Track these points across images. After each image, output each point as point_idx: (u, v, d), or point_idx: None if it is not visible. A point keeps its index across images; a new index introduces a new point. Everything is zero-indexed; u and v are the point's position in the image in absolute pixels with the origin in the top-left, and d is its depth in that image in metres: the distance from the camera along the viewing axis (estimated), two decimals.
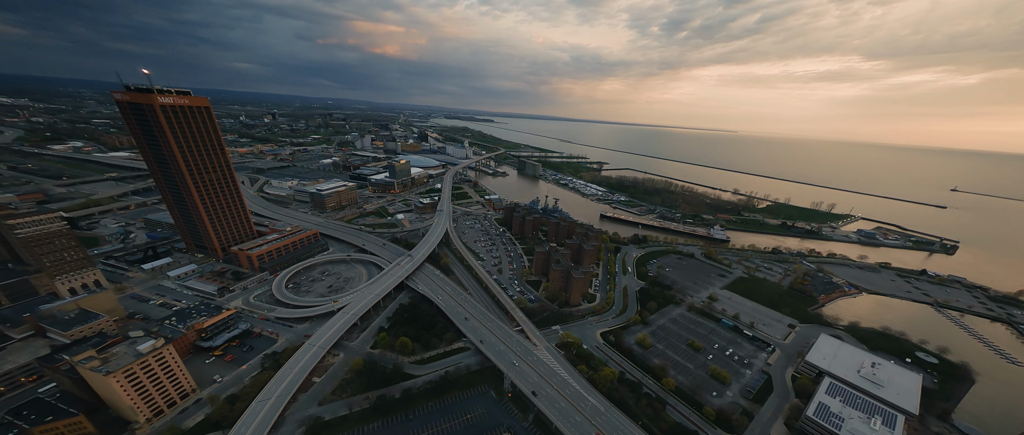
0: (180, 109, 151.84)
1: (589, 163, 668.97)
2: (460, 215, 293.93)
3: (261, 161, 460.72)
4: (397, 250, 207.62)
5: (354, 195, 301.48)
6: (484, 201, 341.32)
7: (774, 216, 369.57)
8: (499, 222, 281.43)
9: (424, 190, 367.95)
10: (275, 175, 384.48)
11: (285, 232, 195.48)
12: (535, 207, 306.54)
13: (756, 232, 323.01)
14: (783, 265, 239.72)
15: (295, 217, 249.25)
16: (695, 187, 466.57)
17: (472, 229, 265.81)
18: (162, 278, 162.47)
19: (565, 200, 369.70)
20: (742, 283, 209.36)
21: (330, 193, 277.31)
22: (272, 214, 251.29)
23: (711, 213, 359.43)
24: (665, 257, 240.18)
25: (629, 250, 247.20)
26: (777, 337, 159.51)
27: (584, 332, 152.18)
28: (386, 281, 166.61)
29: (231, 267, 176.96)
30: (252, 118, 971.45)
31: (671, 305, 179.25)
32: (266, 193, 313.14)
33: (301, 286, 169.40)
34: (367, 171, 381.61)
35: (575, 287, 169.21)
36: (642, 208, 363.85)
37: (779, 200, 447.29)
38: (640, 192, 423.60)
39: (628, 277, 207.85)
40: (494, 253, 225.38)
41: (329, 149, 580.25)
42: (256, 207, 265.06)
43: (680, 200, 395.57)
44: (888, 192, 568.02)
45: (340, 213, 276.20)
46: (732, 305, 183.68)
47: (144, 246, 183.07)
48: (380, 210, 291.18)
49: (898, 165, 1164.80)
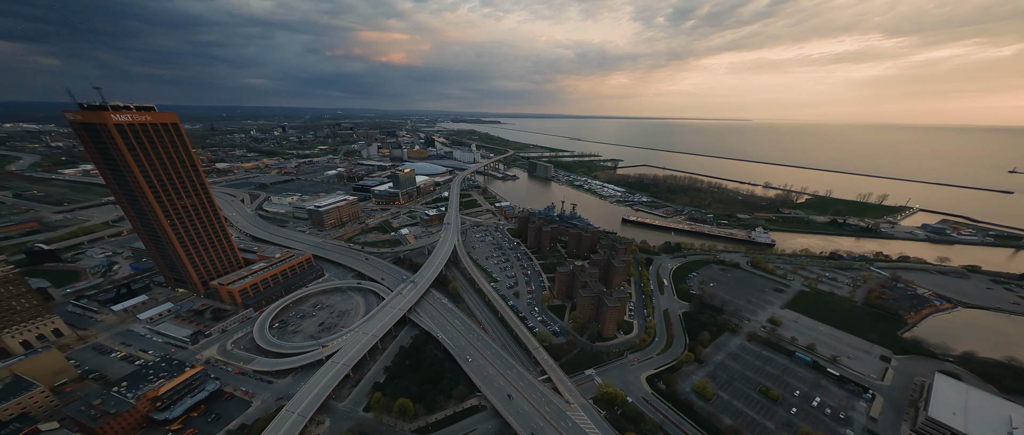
0: (140, 127, 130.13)
1: (602, 161, 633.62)
2: (469, 226, 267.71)
3: (265, 175, 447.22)
4: (399, 273, 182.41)
5: (355, 210, 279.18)
6: (495, 209, 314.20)
7: (819, 212, 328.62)
8: (512, 233, 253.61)
9: (430, 200, 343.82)
10: (277, 190, 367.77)
11: (274, 260, 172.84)
12: (551, 214, 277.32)
13: (803, 232, 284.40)
14: (848, 273, 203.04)
15: (291, 238, 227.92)
16: (724, 183, 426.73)
17: (483, 243, 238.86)
18: (132, 321, 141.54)
19: (582, 203, 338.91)
20: (805, 299, 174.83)
21: (329, 209, 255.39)
22: (267, 235, 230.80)
23: (747, 212, 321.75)
24: (706, 268, 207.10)
25: (662, 261, 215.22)
26: (872, 376, 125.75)
27: (626, 378, 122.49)
28: (385, 317, 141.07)
29: (212, 303, 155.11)
30: (263, 132, 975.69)
31: (726, 333, 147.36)
32: (264, 211, 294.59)
33: (289, 324, 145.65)
34: (371, 182, 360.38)
35: (609, 317, 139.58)
36: (668, 209, 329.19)
37: (818, 193, 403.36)
38: (663, 191, 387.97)
39: (667, 297, 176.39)
40: (508, 271, 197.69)
41: (335, 159, 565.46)
42: (252, 227, 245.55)
43: (709, 198, 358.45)
44: (939, 178, 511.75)
45: (340, 230, 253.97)
46: (801, 330, 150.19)
47: (117, 284, 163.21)
48: (383, 225, 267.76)
49: (936, 146, 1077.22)
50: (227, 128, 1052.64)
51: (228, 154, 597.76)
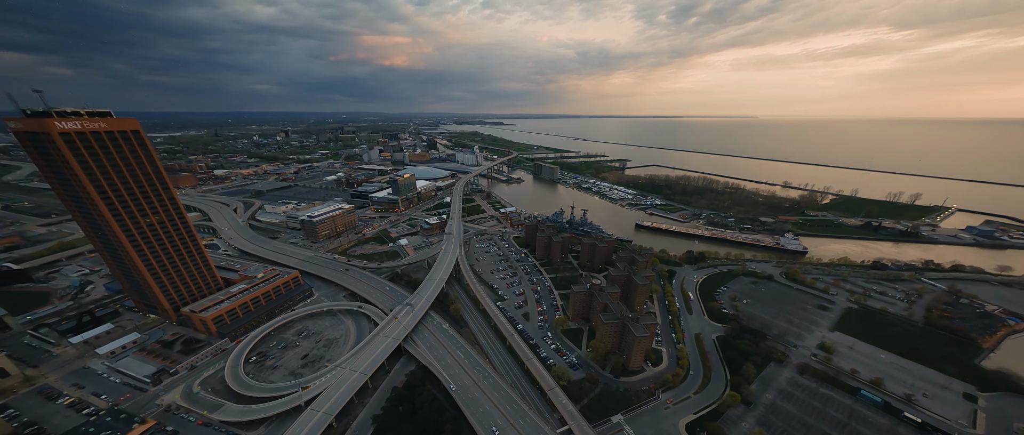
0: (93, 136, 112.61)
1: (609, 162, 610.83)
2: (472, 235, 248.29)
3: (263, 182, 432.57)
4: (396, 293, 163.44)
5: (352, 219, 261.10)
6: (499, 215, 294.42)
7: (848, 213, 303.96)
8: (519, 243, 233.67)
9: (431, 205, 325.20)
10: (273, 198, 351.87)
11: (255, 280, 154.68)
12: (560, 220, 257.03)
13: (834, 236, 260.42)
14: (897, 286, 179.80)
15: (281, 252, 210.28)
16: (741, 183, 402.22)
17: (487, 254, 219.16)
18: (91, 356, 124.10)
19: (591, 208, 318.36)
20: (856, 319, 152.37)
21: (323, 219, 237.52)
22: (256, 249, 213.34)
23: (770, 214, 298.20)
24: (735, 281, 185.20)
25: (685, 273, 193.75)
26: (961, 421, 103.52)
27: (661, 425, 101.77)
28: (376, 349, 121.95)
29: (185, 332, 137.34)
30: (265, 137, 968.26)
31: (772, 363, 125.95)
32: (257, 221, 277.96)
33: (268, 357, 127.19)
34: (369, 188, 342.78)
35: (636, 348, 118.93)
36: (684, 213, 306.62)
37: (843, 192, 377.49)
38: (677, 193, 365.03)
39: (697, 317, 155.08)
40: (516, 288, 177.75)
41: (335, 164, 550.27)
42: (241, 239, 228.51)
43: (727, 200, 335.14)
44: (969, 174, 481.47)
45: (335, 241, 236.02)
46: (860, 360, 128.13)
47: (81, 310, 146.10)
48: (381, 235, 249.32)
49: (954, 140, 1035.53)
50: (231, 133, 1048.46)
51: (228, 160, 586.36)
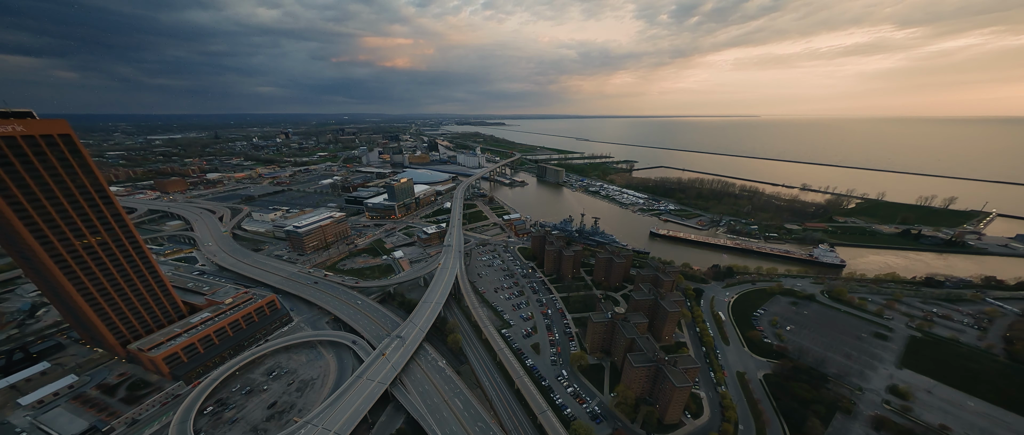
0: (5, 141, 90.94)
1: (616, 163, 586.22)
2: (474, 246, 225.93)
3: (256, 186, 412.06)
4: (386, 319, 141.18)
5: (343, 228, 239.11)
6: (503, 223, 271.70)
7: (881, 219, 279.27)
8: (525, 254, 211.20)
9: (430, 212, 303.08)
10: (264, 204, 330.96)
11: (223, 307, 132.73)
12: (568, 229, 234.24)
13: (870, 246, 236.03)
14: (960, 308, 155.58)
15: (262, 267, 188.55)
16: (759, 186, 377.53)
17: (491, 267, 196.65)
18: (13, 407, 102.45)
19: (600, 213, 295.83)
20: (925, 351, 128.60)
21: (310, 230, 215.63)
22: (235, 263, 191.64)
23: (795, 221, 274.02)
24: (772, 302, 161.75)
25: (713, 292, 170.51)
26: None
27: None
28: (358, 397, 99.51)
29: (135, 372, 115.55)
30: (265, 139, 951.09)
31: (838, 414, 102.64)
32: (243, 230, 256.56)
33: (228, 405, 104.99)
34: (365, 193, 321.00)
35: (674, 400, 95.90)
36: (702, 221, 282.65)
37: (869, 195, 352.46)
38: (692, 197, 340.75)
39: (735, 349, 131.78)
40: (523, 309, 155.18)
41: (333, 167, 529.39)
42: (221, 252, 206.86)
43: (746, 205, 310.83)
44: (996, 174, 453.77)
45: (324, 254, 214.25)
46: (946, 409, 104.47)
47: (13, 346, 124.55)
48: (375, 246, 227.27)
49: (969, 139, 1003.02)
50: (230, 136, 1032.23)
51: (224, 163, 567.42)
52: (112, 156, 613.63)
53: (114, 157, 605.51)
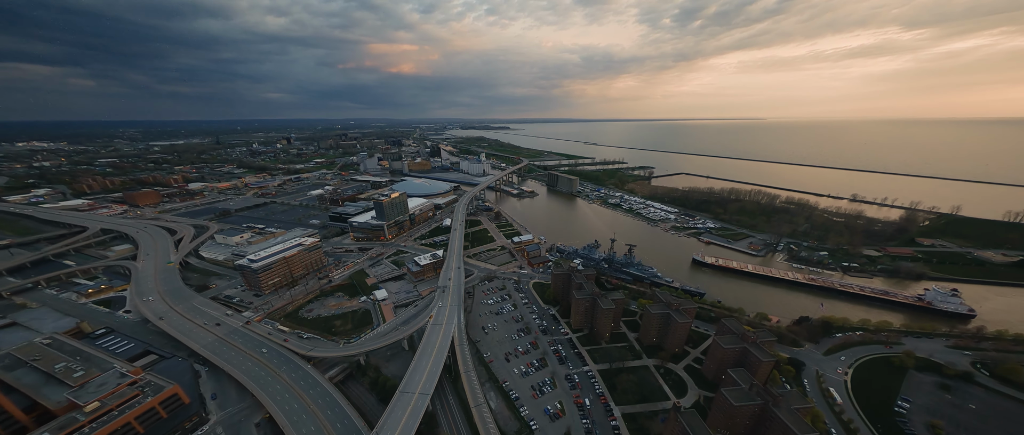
0: None
1: (631, 170, 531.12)
2: (477, 281, 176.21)
3: (240, 197, 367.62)
4: (345, 421, 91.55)
5: (316, 257, 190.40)
6: (512, 247, 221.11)
7: (971, 240, 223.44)
8: (541, 293, 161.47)
9: (427, 230, 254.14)
10: (240, 219, 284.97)
11: (86, 415, 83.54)
12: (593, 256, 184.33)
13: (981, 280, 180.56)
14: None
15: (197, 316, 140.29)
16: (807, 198, 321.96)
17: (499, 318, 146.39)
18: None
19: (624, 230, 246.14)
20: None
21: (270, 263, 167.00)
22: (166, 311, 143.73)
23: (872, 244, 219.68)
24: (910, 382, 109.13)
25: (814, 360, 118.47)
26: None
27: None
28: None
29: None
30: (267, 144, 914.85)
31: None
32: (199, 257, 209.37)
33: None
34: (351, 208, 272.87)
35: None
36: (755, 243, 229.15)
37: (938, 208, 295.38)
38: (732, 212, 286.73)
39: None
40: (549, 397, 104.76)
41: (327, 175, 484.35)
42: (154, 293, 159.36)
43: (802, 222, 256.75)
44: None
45: (289, 293, 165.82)
46: None
47: None
48: (354, 280, 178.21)
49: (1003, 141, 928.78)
50: (232, 141, 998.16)
51: (214, 171, 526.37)
52: (102, 164, 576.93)
53: (103, 165, 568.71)
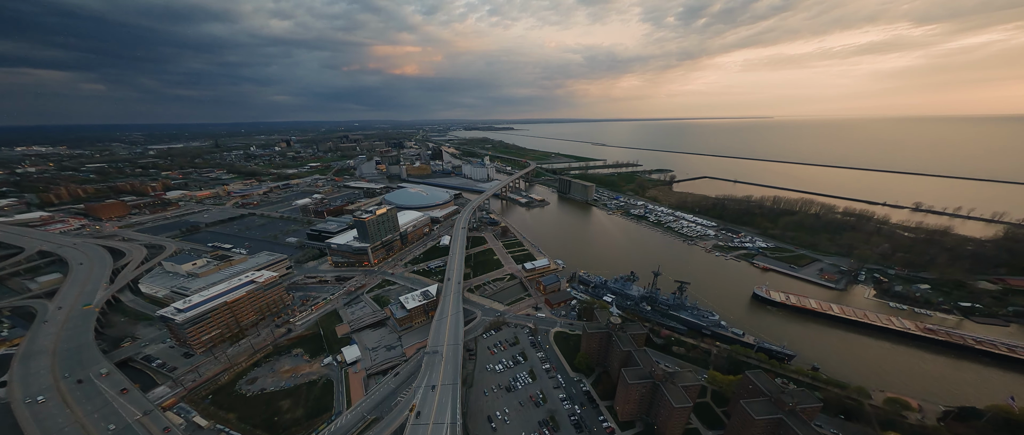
0: None
1: (648, 174, 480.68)
2: (480, 329, 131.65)
3: (218, 208, 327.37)
4: None
5: (276, 295, 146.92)
6: (525, 276, 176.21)
7: None
8: (565, 350, 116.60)
9: (421, 252, 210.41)
10: (207, 237, 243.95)
11: None
12: (629, 292, 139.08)
13: None
14: None
15: (87, 403, 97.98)
16: (868, 209, 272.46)
17: (512, 398, 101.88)
18: None
19: (659, 252, 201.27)
20: None
21: (203, 314, 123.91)
22: (48, 385, 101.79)
23: (980, 271, 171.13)
24: None
25: None
26: None
27: None
28: None
29: None
30: (266, 147, 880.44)
31: None
32: (136, 293, 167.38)
33: None
34: (333, 225, 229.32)
35: None
36: (829, 274, 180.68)
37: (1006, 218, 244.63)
38: (785, 228, 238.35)
39: None
40: None
41: (319, 181, 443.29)
42: (42, 359, 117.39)
43: (881, 241, 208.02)
44: None
45: (232, 348, 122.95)
46: None
47: None
48: (321, 328, 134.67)
49: None
50: (231, 145, 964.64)
51: (203, 176, 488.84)
52: (87, 170, 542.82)
53: (89, 170, 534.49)
